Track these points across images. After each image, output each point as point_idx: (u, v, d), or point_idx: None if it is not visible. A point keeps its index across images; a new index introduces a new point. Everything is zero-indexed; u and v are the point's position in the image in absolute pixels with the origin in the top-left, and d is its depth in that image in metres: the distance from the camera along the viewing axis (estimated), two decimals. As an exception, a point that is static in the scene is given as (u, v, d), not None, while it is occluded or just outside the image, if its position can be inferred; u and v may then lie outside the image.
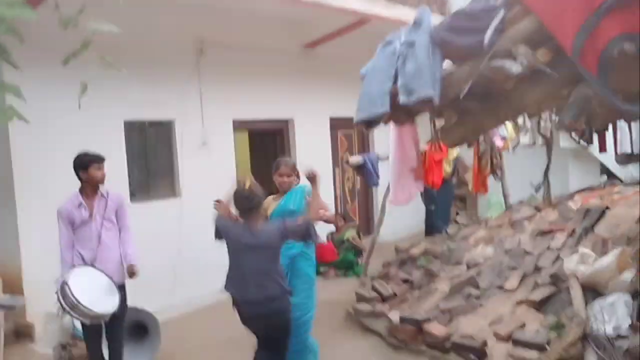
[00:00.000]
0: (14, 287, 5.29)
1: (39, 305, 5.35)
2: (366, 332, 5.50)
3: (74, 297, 3.89)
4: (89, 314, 3.97)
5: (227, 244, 3.87)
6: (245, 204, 3.75)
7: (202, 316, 6.38)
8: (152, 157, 6.66)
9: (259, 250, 3.72)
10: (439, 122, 4.05)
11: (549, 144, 7.11)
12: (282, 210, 4.34)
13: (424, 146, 6.78)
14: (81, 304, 3.89)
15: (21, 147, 5.40)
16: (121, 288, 4.36)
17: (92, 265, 4.24)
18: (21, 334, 5.46)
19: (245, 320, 3.85)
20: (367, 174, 6.65)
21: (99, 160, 4.29)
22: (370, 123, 4.39)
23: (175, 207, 6.59)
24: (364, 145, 9.67)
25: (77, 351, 5.23)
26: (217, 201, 4.03)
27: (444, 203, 8.63)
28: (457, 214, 10.68)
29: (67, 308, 3.92)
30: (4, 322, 5.14)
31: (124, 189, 5.89)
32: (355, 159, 6.83)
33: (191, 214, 6.55)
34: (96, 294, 4.06)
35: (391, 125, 5.62)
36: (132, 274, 4.40)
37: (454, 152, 7.22)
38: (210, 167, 6.80)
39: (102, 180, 4.31)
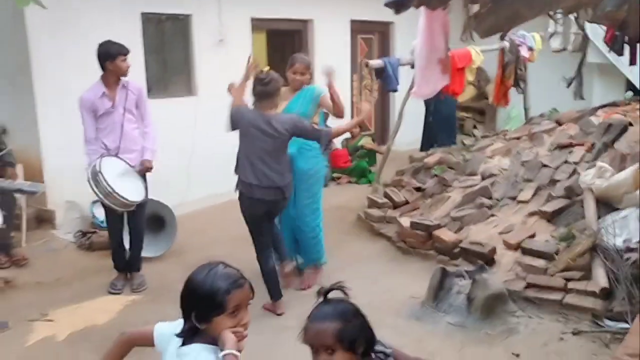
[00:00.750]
0: (35, 174, 5.30)
1: (60, 193, 5.45)
2: (376, 236, 5.55)
3: (108, 185, 3.97)
4: (122, 201, 4.06)
5: (239, 129, 3.86)
6: (262, 88, 3.75)
7: (215, 213, 6.39)
8: (169, 52, 6.54)
9: (270, 137, 3.73)
10: (473, 9, 3.87)
11: (585, 36, 6.75)
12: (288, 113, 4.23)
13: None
14: (115, 192, 3.98)
15: (38, 35, 5.33)
16: (143, 178, 4.42)
17: (116, 155, 4.27)
18: (42, 219, 5.54)
19: (247, 202, 3.88)
20: (386, 78, 6.48)
21: (125, 51, 4.24)
22: (400, 5, 4.15)
23: (191, 105, 6.49)
24: (384, 51, 9.41)
25: (97, 238, 5.42)
26: (231, 85, 4.08)
27: (447, 116, 8.26)
28: (475, 127, 10.56)
29: (101, 196, 4.01)
30: (26, 208, 5.25)
31: (141, 83, 5.61)
32: (376, 61, 6.64)
33: (206, 113, 6.43)
34: (125, 183, 4.13)
35: (422, 11, 5.39)
36: (146, 169, 4.42)
37: (478, 60, 6.99)
38: (227, 66, 6.41)
39: (126, 73, 4.28)
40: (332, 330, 1.61)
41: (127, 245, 4.66)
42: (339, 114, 4.45)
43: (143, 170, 4.43)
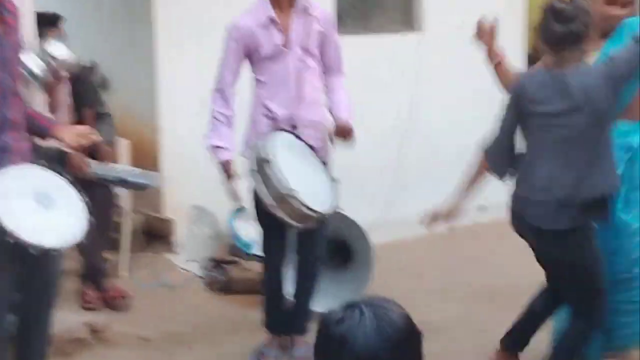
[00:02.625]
0: (146, 157, 5.10)
1: (183, 193, 5.22)
2: None
3: (286, 183, 3.65)
4: (304, 212, 3.72)
5: (523, 119, 3.55)
6: (561, 27, 3.35)
7: (441, 245, 5.73)
8: None
9: (576, 112, 3.36)
10: None
11: None
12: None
13: None
14: (296, 196, 3.64)
15: None
16: (327, 171, 4.13)
17: (292, 132, 3.91)
18: (154, 235, 5.36)
19: (520, 227, 3.62)
20: None
21: None
22: None
23: (409, 50, 5.72)
24: None
25: (240, 273, 4.97)
26: (482, 26, 3.77)
27: None
28: None
29: (270, 199, 3.70)
30: (131, 214, 5.01)
31: (324, 8, 5.25)
32: None
33: (436, 65, 5.65)
34: (308, 180, 3.86)
35: None
36: (345, 133, 4.00)
37: None
38: None
39: None
40: None
41: (289, 288, 4.20)
42: None
43: (339, 136, 4.03)
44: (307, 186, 3.73)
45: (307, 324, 4.13)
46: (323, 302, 4.33)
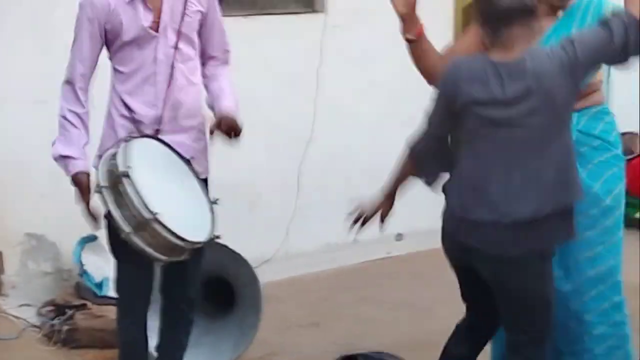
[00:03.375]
0: None
1: (14, 218, 4.75)
2: None
3: (144, 206, 3.28)
4: (171, 241, 3.32)
5: (456, 120, 3.32)
6: (508, 2, 3.18)
7: (347, 284, 5.49)
8: None
9: (526, 110, 3.16)
10: None
11: None
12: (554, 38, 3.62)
13: None
14: (159, 221, 3.26)
15: None
16: (205, 187, 3.74)
17: (156, 137, 3.56)
18: None
19: (451, 249, 3.49)
20: None
21: None
22: None
23: (312, 33, 5.41)
24: None
25: (86, 321, 4.53)
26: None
27: None
28: None
29: (127, 228, 3.32)
30: None
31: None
32: None
33: (344, 53, 5.42)
34: (177, 201, 3.54)
35: None
36: (229, 126, 3.58)
37: None
38: None
39: None
40: None
41: (152, 341, 3.77)
42: None
43: (223, 132, 3.64)
44: (176, 208, 3.32)
45: None
46: (198, 357, 4.05)
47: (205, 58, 3.68)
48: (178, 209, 3.33)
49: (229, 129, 3.50)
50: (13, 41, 4.69)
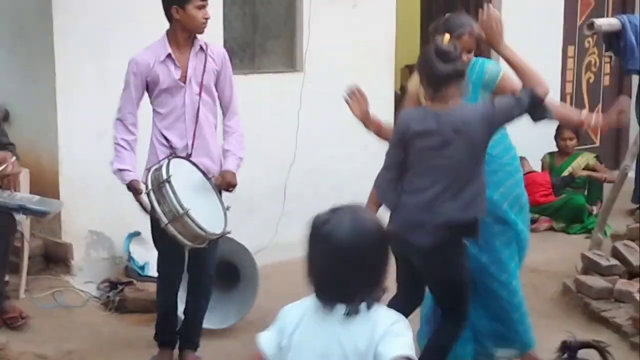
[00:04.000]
0: (46, 184, 5.11)
1: (81, 217, 5.22)
2: (595, 321, 5.03)
3: (179, 203, 3.78)
4: (196, 232, 3.86)
5: (407, 152, 3.75)
6: (446, 67, 3.57)
7: None
8: (263, 3, 6.21)
9: (454, 145, 3.58)
10: None
11: None
12: None
13: None
14: (189, 215, 3.78)
15: None
16: (220, 196, 4.28)
17: (188, 158, 4.11)
18: (53, 258, 5.33)
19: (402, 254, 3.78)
20: (625, 49, 5.75)
21: None
22: None
23: (294, 88, 6.03)
24: (625, 7, 8.15)
25: (134, 293, 5.09)
26: (355, 90, 4.02)
27: None
28: None
29: (165, 219, 3.83)
30: (29, 238, 4.99)
31: (220, 47, 5.34)
32: (607, 21, 5.92)
33: (317, 101, 6.00)
34: (201, 203, 4.01)
35: None
36: (227, 185, 4.23)
37: None
38: (354, 28, 6.29)
39: (202, 27, 4.11)
40: None
41: (180, 307, 4.40)
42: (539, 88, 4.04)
43: (223, 186, 4.23)
44: (200, 209, 3.90)
45: (198, 339, 4.35)
46: (212, 319, 4.63)
47: (222, 109, 4.32)
48: (202, 210, 3.90)
49: (227, 185, 4.20)
50: (81, 86, 5.24)
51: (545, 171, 7.29)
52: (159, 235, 3.99)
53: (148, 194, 3.84)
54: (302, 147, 6.05)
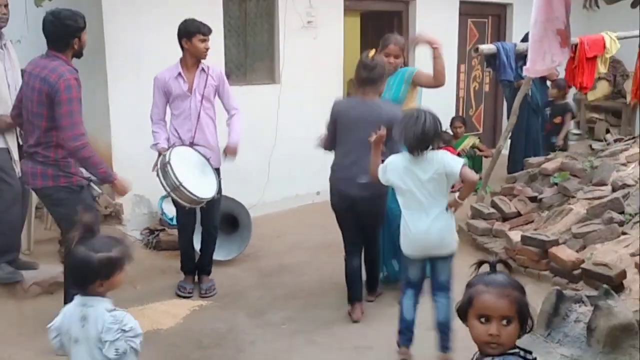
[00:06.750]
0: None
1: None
2: (480, 251, 5.40)
3: (176, 178, 4.03)
4: (189, 196, 4.11)
5: (337, 126, 4.00)
6: (367, 75, 3.89)
7: (295, 217, 6.61)
8: (252, 35, 6.65)
9: (370, 124, 3.75)
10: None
11: None
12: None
13: (575, 39, 6.39)
14: (183, 186, 4.04)
15: (114, 11, 5.54)
16: (217, 173, 4.52)
17: (191, 146, 4.38)
18: (109, 214, 5.76)
19: (340, 205, 4.03)
20: (499, 66, 6.37)
21: (204, 31, 4.36)
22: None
23: (274, 95, 6.64)
24: (499, 38, 9.22)
25: (165, 237, 5.59)
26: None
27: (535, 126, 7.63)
28: (608, 131, 10.15)
29: (168, 189, 4.09)
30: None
31: (219, 68, 5.62)
32: (487, 47, 6.57)
33: (290, 104, 6.59)
34: (197, 177, 4.22)
35: None
36: (231, 152, 4.50)
37: (613, 49, 6.69)
38: (315, 53, 6.78)
39: (203, 54, 4.41)
40: (515, 299, 1.70)
41: (197, 246, 4.82)
42: (439, 79, 4.45)
43: (229, 153, 4.52)
44: (196, 181, 4.17)
45: (210, 268, 4.73)
46: (220, 253, 5.02)
47: (226, 110, 4.59)
48: (197, 181, 4.19)
49: (231, 154, 4.54)
50: (125, 95, 5.61)
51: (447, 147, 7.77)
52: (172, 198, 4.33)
53: (157, 173, 4.13)
54: (280, 136, 6.67)
